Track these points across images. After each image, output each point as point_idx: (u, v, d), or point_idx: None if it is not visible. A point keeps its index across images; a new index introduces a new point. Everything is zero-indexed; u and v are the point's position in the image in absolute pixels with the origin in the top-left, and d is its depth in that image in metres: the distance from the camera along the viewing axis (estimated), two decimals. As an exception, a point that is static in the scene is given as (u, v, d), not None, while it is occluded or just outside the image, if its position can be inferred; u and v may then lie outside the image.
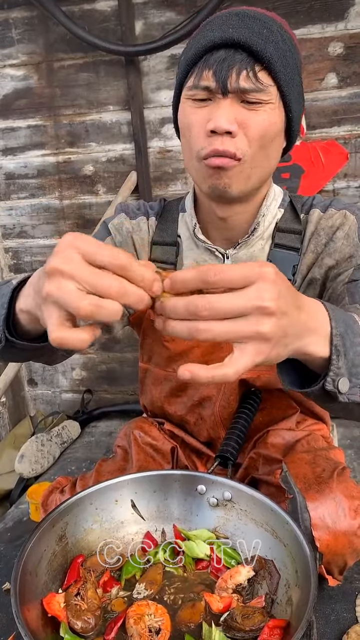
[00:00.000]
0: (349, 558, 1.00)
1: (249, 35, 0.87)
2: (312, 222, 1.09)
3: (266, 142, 0.94)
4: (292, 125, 0.99)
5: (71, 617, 0.83)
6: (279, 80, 0.91)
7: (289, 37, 0.93)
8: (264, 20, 0.90)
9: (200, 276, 0.54)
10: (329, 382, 0.69)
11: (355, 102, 1.95)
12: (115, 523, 1.02)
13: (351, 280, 1.03)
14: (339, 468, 1.04)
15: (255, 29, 0.88)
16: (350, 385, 0.71)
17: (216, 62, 0.89)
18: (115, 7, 1.98)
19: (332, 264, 1.07)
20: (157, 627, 0.82)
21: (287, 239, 1.09)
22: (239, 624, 0.80)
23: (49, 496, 1.25)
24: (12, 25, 2.10)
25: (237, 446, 1.12)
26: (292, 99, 0.94)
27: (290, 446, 1.18)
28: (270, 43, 0.88)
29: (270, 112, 0.92)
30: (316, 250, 1.08)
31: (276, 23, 0.92)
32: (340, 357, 0.69)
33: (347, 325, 0.71)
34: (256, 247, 1.10)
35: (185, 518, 1.03)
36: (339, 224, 1.06)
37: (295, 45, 0.96)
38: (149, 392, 1.33)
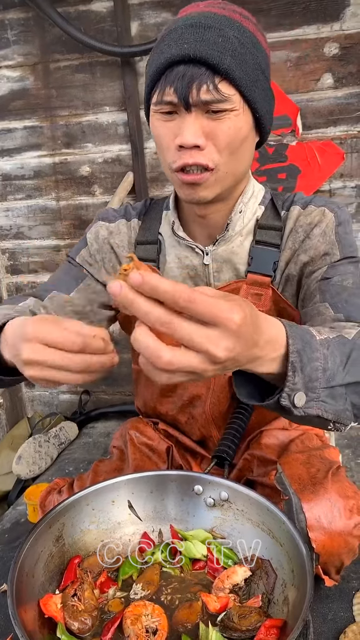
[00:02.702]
0: (346, 558, 1.01)
1: (204, 49, 0.87)
2: (292, 218, 1.10)
3: (235, 148, 0.95)
4: (262, 122, 1.00)
5: (68, 618, 0.83)
6: (240, 87, 0.91)
7: (248, 37, 0.92)
8: (220, 27, 0.89)
9: (171, 295, 0.53)
10: (284, 398, 0.70)
11: (351, 103, 1.96)
12: (112, 524, 1.02)
13: (324, 277, 1.04)
14: (334, 468, 1.04)
15: (210, 40, 0.88)
16: (307, 399, 0.72)
17: (176, 79, 0.90)
18: (111, 8, 1.99)
19: (307, 260, 1.07)
20: (154, 627, 0.82)
21: (267, 236, 1.10)
22: (236, 623, 0.80)
23: (47, 497, 1.25)
24: (8, 27, 2.10)
25: (234, 446, 1.12)
26: (257, 100, 0.95)
27: (285, 446, 1.18)
28: (226, 53, 0.88)
29: (235, 119, 0.93)
30: (293, 246, 1.09)
31: (234, 25, 0.91)
32: (296, 373, 0.69)
33: (304, 342, 0.71)
34: (235, 243, 1.10)
35: (182, 518, 1.03)
36: (317, 220, 1.07)
37: (259, 41, 0.94)
38: (142, 394, 1.34)
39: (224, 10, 0.93)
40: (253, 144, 1.03)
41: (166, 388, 1.27)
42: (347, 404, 0.78)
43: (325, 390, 0.74)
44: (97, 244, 1.20)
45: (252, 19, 0.97)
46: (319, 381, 0.73)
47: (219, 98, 0.90)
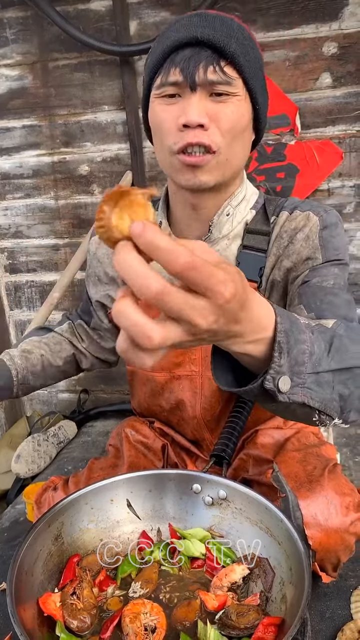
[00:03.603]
0: (342, 555, 1.01)
1: (212, 33, 0.91)
2: (279, 224, 1.09)
3: (237, 134, 0.97)
4: (259, 119, 1.02)
5: (67, 616, 0.83)
6: (244, 73, 0.94)
7: (250, 37, 0.97)
8: (225, 20, 0.94)
9: (169, 256, 0.47)
10: (268, 380, 0.65)
11: (350, 102, 1.96)
12: (110, 522, 1.02)
13: (304, 281, 1.03)
14: (330, 465, 1.04)
15: (217, 27, 0.92)
16: (292, 384, 0.68)
17: (183, 60, 0.92)
18: (110, 7, 1.98)
19: (290, 266, 1.07)
20: (153, 625, 0.82)
21: (255, 241, 1.10)
22: (234, 621, 0.80)
23: (42, 494, 1.25)
24: (7, 25, 2.10)
25: (232, 445, 1.13)
26: (258, 92, 0.98)
27: (280, 445, 1.19)
28: (232, 39, 0.92)
29: (238, 104, 0.96)
30: (278, 252, 1.09)
31: (237, 23, 0.95)
32: (282, 355, 0.65)
33: (292, 323, 0.68)
34: (220, 246, 1.10)
35: (180, 517, 1.03)
36: (301, 225, 1.06)
37: (257, 46, 0.99)
38: (136, 394, 1.35)
39: (224, 14, 0.97)
40: (250, 138, 1.04)
41: (155, 390, 1.29)
42: (335, 393, 0.75)
43: (312, 376, 0.70)
44: (90, 262, 1.28)
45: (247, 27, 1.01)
46: (305, 365, 0.69)
47: (225, 79, 0.92)
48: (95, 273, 1.30)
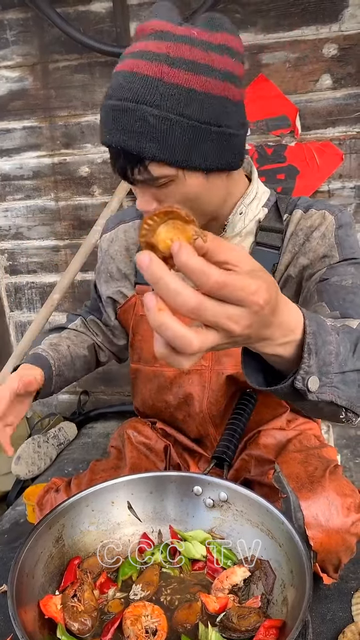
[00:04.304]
0: (343, 556, 1.01)
1: (124, 139, 0.87)
2: (294, 222, 1.10)
3: (191, 204, 0.96)
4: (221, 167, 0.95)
5: (68, 619, 0.83)
6: (170, 164, 0.89)
7: (177, 99, 0.85)
8: (138, 107, 0.85)
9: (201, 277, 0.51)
10: (298, 380, 0.68)
11: (350, 103, 1.96)
12: (111, 524, 1.02)
13: (322, 279, 1.04)
14: (332, 466, 1.04)
15: (127, 126, 0.86)
16: (320, 384, 0.70)
17: (113, 159, 0.93)
18: (110, 8, 1.98)
19: (307, 263, 1.08)
20: (154, 628, 0.82)
21: (268, 238, 1.11)
22: (235, 624, 0.80)
23: (44, 496, 1.25)
24: (7, 27, 2.10)
25: (233, 447, 1.13)
26: (200, 160, 0.91)
27: (282, 446, 1.19)
28: (146, 139, 0.86)
29: (178, 184, 0.93)
30: (293, 249, 1.10)
31: (157, 91, 0.85)
32: (311, 356, 0.68)
33: (319, 325, 0.70)
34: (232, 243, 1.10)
35: (181, 519, 1.03)
36: (317, 223, 1.08)
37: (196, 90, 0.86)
38: (140, 392, 1.35)
39: (153, 63, 0.86)
40: (216, 185, 0.98)
41: (162, 385, 1.28)
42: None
43: (338, 376, 0.73)
44: (102, 259, 1.29)
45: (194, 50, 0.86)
46: (332, 366, 0.72)
47: (151, 178, 0.91)
48: (107, 270, 1.30)
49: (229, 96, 0.90)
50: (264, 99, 1.96)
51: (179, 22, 0.90)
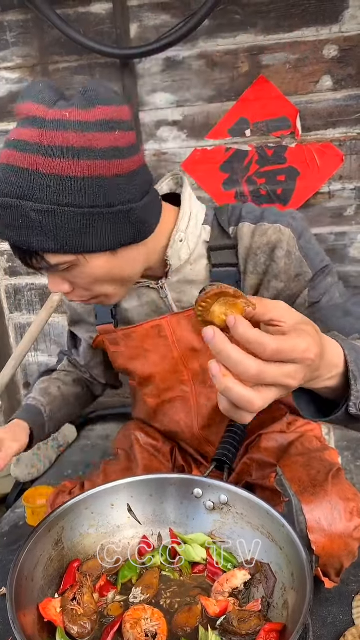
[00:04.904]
0: (345, 560, 1.00)
1: (12, 235, 0.83)
2: (244, 237, 1.03)
3: (104, 280, 0.92)
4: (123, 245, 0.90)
5: (67, 622, 0.83)
6: (61, 251, 0.84)
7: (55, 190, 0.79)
8: (18, 203, 0.80)
9: (258, 346, 0.57)
10: (352, 406, 0.72)
11: (350, 105, 1.96)
12: (111, 527, 1.02)
13: (311, 303, 1.02)
14: (334, 470, 1.04)
15: (12, 222, 0.82)
16: None
17: (12, 249, 0.89)
18: (110, 10, 1.98)
19: (282, 286, 1.03)
20: (154, 631, 0.82)
21: (222, 257, 1.05)
22: (236, 627, 0.80)
23: (57, 498, 1.25)
24: (7, 28, 2.10)
25: (234, 449, 1.12)
26: (95, 245, 0.85)
27: (284, 449, 1.18)
28: (31, 232, 0.82)
29: (82, 269, 0.89)
30: (256, 270, 1.04)
31: (34, 184, 0.79)
32: (358, 381, 0.72)
33: (356, 352, 0.75)
34: (186, 272, 1.06)
35: (181, 522, 1.03)
36: (275, 240, 1.00)
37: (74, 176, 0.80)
38: (138, 410, 1.38)
39: (27, 154, 0.80)
40: (127, 255, 0.92)
41: (149, 412, 1.30)
42: None
43: None
44: (68, 309, 1.29)
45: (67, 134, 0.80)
46: None
47: (48, 266, 0.87)
48: (72, 317, 1.30)
49: (118, 172, 0.83)
50: (264, 100, 1.96)
51: (53, 102, 0.82)
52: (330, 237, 2.11)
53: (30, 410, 1.24)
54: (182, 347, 1.12)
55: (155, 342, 1.14)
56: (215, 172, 2.06)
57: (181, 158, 2.08)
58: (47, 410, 1.26)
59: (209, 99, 2.01)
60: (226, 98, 2.01)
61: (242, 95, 1.97)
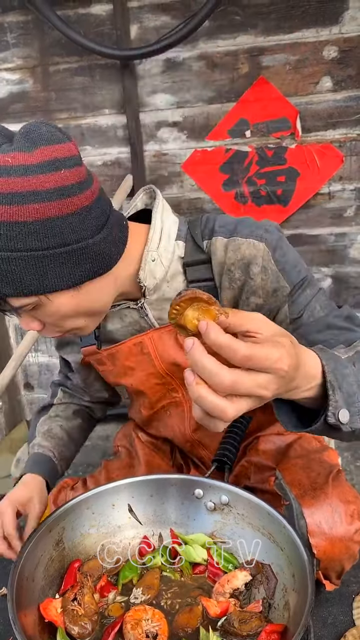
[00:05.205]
0: (346, 563, 1.00)
1: None
2: (217, 251, 1.01)
3: (73, 315, 0.91)
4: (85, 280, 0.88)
5: (68, 623, 0.83)
6: (21, 294, 0.83)
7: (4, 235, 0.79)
8: None
9: (229, 352, 0.59)
10: (330, 416, 0.74)
11: (350, 106, 1.96)
12: (112, 527, 1.02)
13: (292, 319, 1.01)
14: (334, 472, 1.04)
15: None
16: (350, 415, 0.76)
17: None
18: (111, 11, 1.99)
19: (260, 302, 1.01)
20: (155, 632, 0.82)
21: (198, 272, 1.03)
22: (236, 628, 0.80)
23: (59, 495, 1.26)
24: (7, 29, 2.10)
25: (234, 450, 1.12)
26: (57, 284, 0.84)
27: (282, 451, 1.18)
28: None
29: (47, 308, 0.87)
30: (232, 286, 1.02)
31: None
32: (335, 391, 0.74)
33: (336, 362, 0.76)
34: (164, 290, 1.05)
35: (182, 522, 1.03)
36: (249, 256, 0.98)
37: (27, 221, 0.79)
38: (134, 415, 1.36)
39: None
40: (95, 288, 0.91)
41: (143, 420, 1.30)
42: None
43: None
44: None
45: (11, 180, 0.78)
46: (357, 395, 0.77)
47: (15, 308, 0.86)
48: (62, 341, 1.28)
49: (68, 212, 0.82)
50: (264, 101, 1.96)
51: None
52: (330, 237, 2.11)
53: (40, 460, 1.23)
54: (165, 363, 1.10)
55: (139, 359, 1.12)
56: (215, 173, 2.06)
57: (181, 159, 2.08)
58: (56, 454, 1.25)
59: (209, 100, 2.02)
60: (226, 99, 2.01)
61: (242, 96, 1.98)
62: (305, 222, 2.10)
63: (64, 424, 1.33)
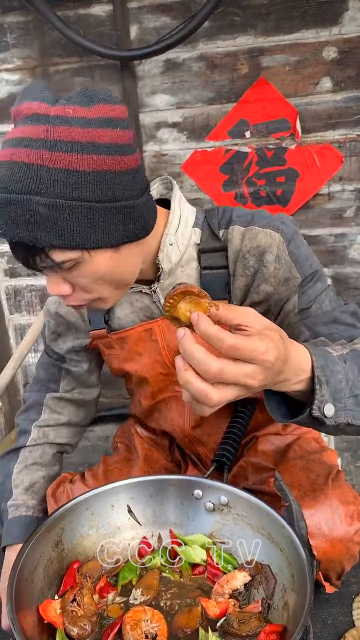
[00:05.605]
0: (346, 564, 1.00)
1: (16, 231, 0.82)
2: (234, 239, 1.04)
3: (105, 280, 0.91)
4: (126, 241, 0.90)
5: (67, 624, 0.83)
6: (71, 247, 0.84)
7: (60, 184, 0.80)
8: (23, 198, 0.79)
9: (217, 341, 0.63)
10: (315, 410, 0.77)
11: (350, 106, 1.96)
12: (111, 528, 1.02)
13: (301, 309, 1.02)
14: (334, 473, 1.04)
15: (18, 218, 0.80)
16: (335, 409, 0.79)
17: (15, 251, 0.87)
18: (111, 11, 1.99)
19: (271, 290, 1.03)
20: (154, 632, 0.82)
21: (212, 259, 1.05)
22: (236, 629, 0.80)
23: (57, 489, 1.24)
24: (7, 30, 2.10)
25: (233, 450, 1.12)
26: (102, 240, 0.85)
27: (282, 452, 1.18)
28: (39, 228, 0.81)
29: (85, 267, 0.88)
30: (245, 273, 1.04)
31: (39, 178, 0.79)
32: (323, 386, 0.77)
33: (326, 358, 0.80)
34: (177, 275, 1.07)
35: (181, 523, 1.02)
36: (265, 245, 1.01)
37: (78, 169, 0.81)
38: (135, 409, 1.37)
39: (32, 150, 0.80)
40: (129, 254, 0.92)
41: (144, 411, 1.30)
42: None
43: (350, 399, 0.81)
44: (53, 320, 1.24)
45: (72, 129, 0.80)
46: (344, 391, 0.80)
47: (53, 264, 0.86)
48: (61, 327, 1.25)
49: (120, 169, 0.84)
50: (264, 102, 1.97)
51: (54, 101, 0.82)
52: (329, 238, 2.11)
53: (25, 524, 1.20)
54: (172, 352, 1.12)
55: (147, 345, 1.14)
56: (215, 173, 2.06)
57: (181, 159, 2.08)
58: (38, 512, 1.24)
59: (209, 101, 2.02)
60: (226, 99, 2.01)
61: (242, 97, 1.98)
62: (305, 223, 2.10)
63: (45, 472, 1.29)
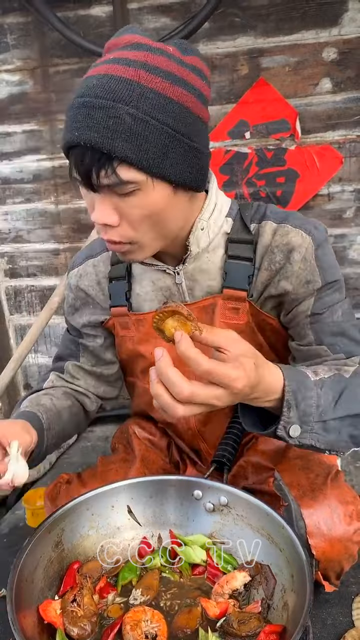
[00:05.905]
0: (346, 563, 1.01)
1: (94, 136, 0.81)
2: (265, 234, 1.05)
3: (154, 221, 0.91)
4: (185, 183, 0.91)
5: (67, 624, 0.83)
6: (141, 168, 0.83)
7: (151, 104, 0.82)
8: (112, 105, 0.81)
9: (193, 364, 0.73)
10: (280, 429, 0.85)
11: (349, 107, 1.96)
12: (111, 529, 1.02)
13: (313, 313, 1.03)
14: (333, 473, 1.04)
15: (101, 123, 0.81)
16: (302, 431, 0.86)
17: (77, 162, 0.85)
18: (110, 12, 1.99)
19: (289, 288, 1.04)
20: (154, 633, 0.82)
21: (239, 250, 1.06)
22: (235, 629, 0.80)
23: (54, 489, 1.22)
24: (7, 31, 2.10)
25: (233, 450, 1.12)
26: (169, 170, 0.86)
27: (281, 452, 1.18)
28: (119, 137, 0.81)
29: (144, 196, 0.87)
30: (270, 268, 1.05)
31: (132, 93, 0.81)
32: (291, 409, 0.84)
33: (299, 383, 0.85)
34: (202, 260, 1.07)
35: (181, 523, 1.03)
36: (295, 243, 1.02)
37: (171, 98, 0.84)
38: (137, 401, 1.36)
39: (130, 68, 0.83)
40: (181, 203, 0.94)
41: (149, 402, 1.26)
42: (343, 435, 0.91)
43: (318, 424, 0.87)
44: (72, 294, 1.24)
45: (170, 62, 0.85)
46: (313, 416, 0.86)
47: (119, 182, 0.85)
48: (80, 301, 1.24)
49: (200, 115, 0.89)
50: (263, 103, 1.97)
51: (154, 38, 0.88)
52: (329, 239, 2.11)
53: (27, 415, 1.10)
54: None
55: None
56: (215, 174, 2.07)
57: (181, 160, 2.08)
58: (44, 418, 1.12)
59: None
60: (226, 100, 2.02)
61: (242, 98, 1.98)
62: (304, 223, 2.10)
63: (54, 399, 1.22)
